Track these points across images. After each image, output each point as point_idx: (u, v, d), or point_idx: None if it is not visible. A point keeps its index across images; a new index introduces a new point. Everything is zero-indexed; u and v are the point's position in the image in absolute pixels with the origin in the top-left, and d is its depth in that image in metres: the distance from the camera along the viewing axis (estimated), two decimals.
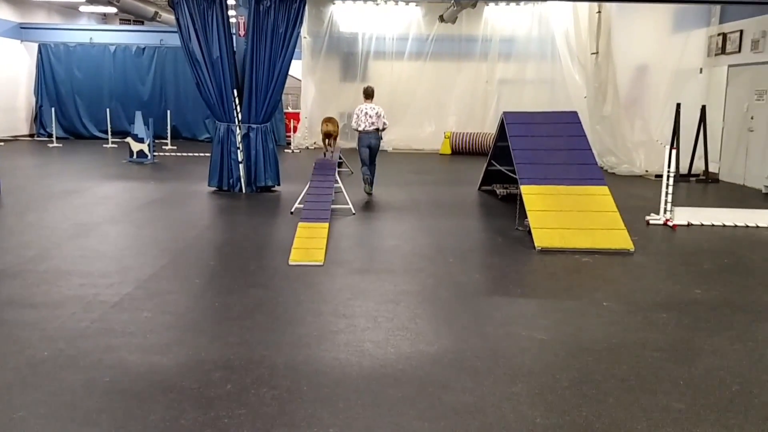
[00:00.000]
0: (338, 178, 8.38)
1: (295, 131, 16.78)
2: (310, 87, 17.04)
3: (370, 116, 9.53)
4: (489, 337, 3.89)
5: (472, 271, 5.36)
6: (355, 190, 9.62)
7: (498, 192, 9.11)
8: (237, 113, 9.02)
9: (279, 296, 4.54)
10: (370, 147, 9.17)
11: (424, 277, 5.11)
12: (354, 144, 11.29)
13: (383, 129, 9.39)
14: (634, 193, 10.18)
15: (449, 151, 16.06)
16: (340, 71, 17.31)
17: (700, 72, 12.17)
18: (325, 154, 9.63)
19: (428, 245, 6.30)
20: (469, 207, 8.75)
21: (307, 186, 7.78)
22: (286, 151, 15.85)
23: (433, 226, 7.26)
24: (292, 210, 7.67)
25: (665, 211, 7.47)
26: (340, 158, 11.26)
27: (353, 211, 7.71)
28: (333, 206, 7.62)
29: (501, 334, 3.94)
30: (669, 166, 7.36)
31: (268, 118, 9.16)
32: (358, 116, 9.17)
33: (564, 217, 6.44)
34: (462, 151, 15.95)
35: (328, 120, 11.01)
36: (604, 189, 6.81)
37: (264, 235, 6.56)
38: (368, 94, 9.51)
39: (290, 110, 18.48)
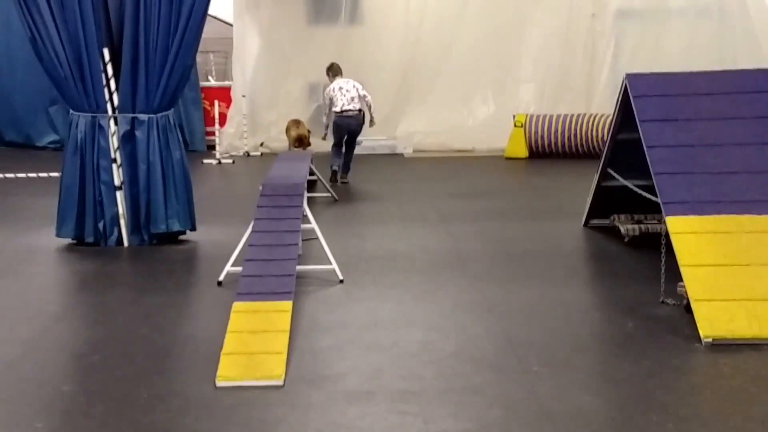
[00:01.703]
0: (309, 213, 8.45)
1: (222, 124, 16.96)
2: (249, 37, 17.31)
3: (348, 91, 12.67)
4: None
5: (579, 390, 5.31)
6: (341, 230, 9.68)
7: (623, 230, 9.15)
8: (111, 94, 9.16)
9: None
10: (350, 132, 12.87)
11: (483, 405, 5.10)
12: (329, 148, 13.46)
13: (370, 111, 12.82)
14: None
15: (525, 153, 16.18)
16: (307, 5, 17.58)
17: None
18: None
19: (488, 339, 6.27)
20: (568, 261, 8.72)
21: (249, 230, 7.84)
22: (206, 162, 16.00)
23: (498, 300, 7.23)
24: (221, 278, 7.72)
25: None
26: (312, 174, 11.37)
27: (340, 277, 7.75)
28: (301, 268, 7.65)
29: None
30: None
31: (169, 101, 9.31)
32: (333, 96, 12.62)
33: (755, 277, 6.39)
34: (548, 151, 16.06)
35: (296, 123, 12.86)
36: None
37: (166, 331, 6.55)
38: (336, 71, 13.17)
39: (212, 83, 18.70)
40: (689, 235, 6.75)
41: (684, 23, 16.43)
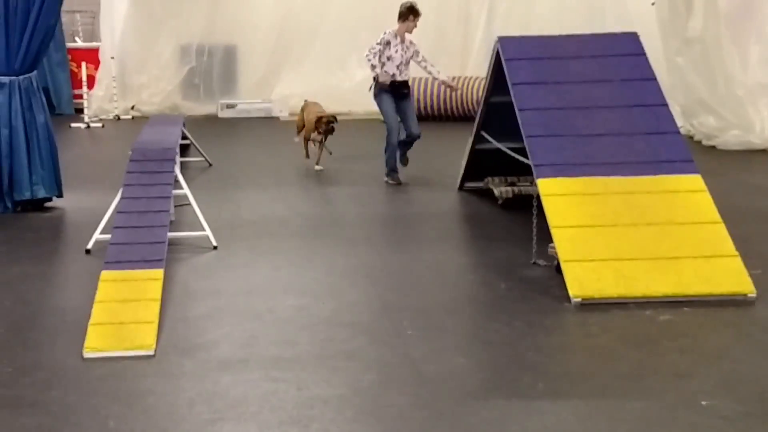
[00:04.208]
0: (181, 178, 8.35)
1: (90, 86, 16.56)
2: None
3: None
4: None
5: (452, 352, 5.40)
6: (214, 196, 9.59)
7: (497, 193, 9.28)
8: None
9: (64, 427, 4.47)
10: None
11: (358, 369, 5.14)
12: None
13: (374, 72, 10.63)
14: (752, 183, 10.57)
15: None
16: None
17: None
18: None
19: (363, 303, 6.32)
20: (443, 224, 8.82)
21: (119, 197, 7.71)
22: (74, 126, 15.61)
23: (373, 264, 7.28)
24: (89, 246, 7.58)
25: None
26: (185, 138, 11.20)
27: (214, 243, 7.69)
28: (173, 235, 7.57)
29: None
30: None
31: (32, 63, 9.08)
32: None
33: (622, 237, 6.59)
34: (425, 114, 16.10)
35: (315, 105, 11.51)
36: (695, 180, 7.03)
37: (31, 302, 6.42)
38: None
39: (79, 44, 18.22)
40: (559, 197, 6.90)
41: None
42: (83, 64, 16.25)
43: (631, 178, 7.01)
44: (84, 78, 16.11)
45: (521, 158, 7.85)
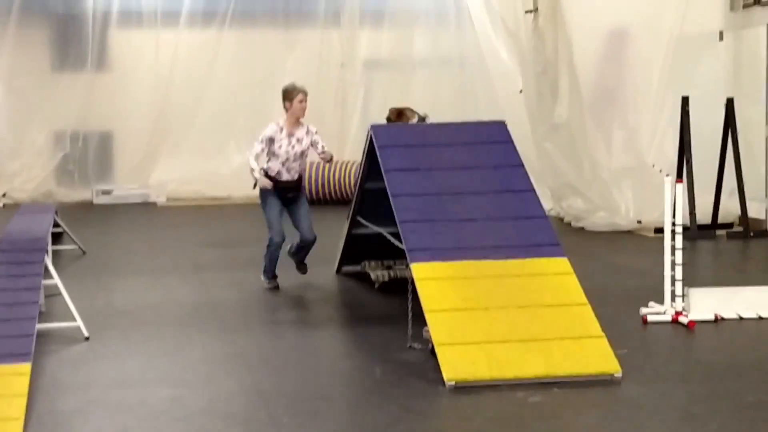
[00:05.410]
0: (52, 268, 8.17)
1: None
2: None
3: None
4: None
5: None
6: (88, 284, 9.42)
7: (374, 276, 9.34)
8: None
9: None
10: None
11: None
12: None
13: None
14: (618, 264, 10.85)
15: None
16: (52, 51, 17.16)
17: (720, 39, 13.44)
18: None
19: (240, 392, 6.26)
20: (321, 309, 8.81)
21: None
22: None
23: (250, 351, 7.22)
24: None
25: (674, 297, 7.97)
26: (58, 225, 10.98)
27: (85, 334, 7.52)
28: (42, 327, 7.39)
29: None
30: (675, 213, 7.96)
31: None
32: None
33: (493, 320, 6.66)
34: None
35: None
36: (562, 263, 7.18)
37: None
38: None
39: None
40: (433, 280, 6.96)
41: (428, 73, 17.16)
42: None
43: (501, 262, 7.13)
44: None
45: (397, 243, 7.92)
